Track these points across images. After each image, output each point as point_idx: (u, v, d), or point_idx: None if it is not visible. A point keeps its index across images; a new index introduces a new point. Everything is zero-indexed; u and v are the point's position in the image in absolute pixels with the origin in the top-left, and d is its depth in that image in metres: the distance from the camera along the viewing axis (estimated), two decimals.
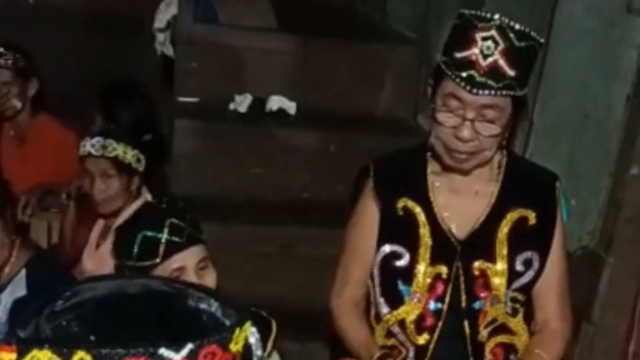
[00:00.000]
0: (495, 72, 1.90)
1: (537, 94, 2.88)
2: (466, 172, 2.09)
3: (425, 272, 2.10)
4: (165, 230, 1.88)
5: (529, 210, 2.11)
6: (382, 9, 4.51)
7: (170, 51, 4.06)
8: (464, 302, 2.11)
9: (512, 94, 1.93)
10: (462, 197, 2.13)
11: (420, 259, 2.10)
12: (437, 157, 2.10)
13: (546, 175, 2.19)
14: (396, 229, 2.14)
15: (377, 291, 2.18)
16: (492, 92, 1.91)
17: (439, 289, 2.11)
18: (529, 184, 2.15)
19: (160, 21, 4.03)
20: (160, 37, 4.07)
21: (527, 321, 2.20)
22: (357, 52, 3.97)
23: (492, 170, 2.13)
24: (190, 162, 3.65)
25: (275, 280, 3.32)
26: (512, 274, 2.11)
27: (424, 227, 2.11)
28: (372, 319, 2.22)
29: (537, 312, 2.19)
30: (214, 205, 3.41)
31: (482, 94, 1.91)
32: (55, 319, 0.95)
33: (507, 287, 2.12)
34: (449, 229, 2.12)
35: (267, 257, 3.39)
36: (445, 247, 2.11)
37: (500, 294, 2.11)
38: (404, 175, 2.19)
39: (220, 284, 1.96)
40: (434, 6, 3.89)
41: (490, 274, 2.10)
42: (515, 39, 1.91)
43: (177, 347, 0.88)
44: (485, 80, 1.90)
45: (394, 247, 2.13)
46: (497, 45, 1.89)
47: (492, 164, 2.12)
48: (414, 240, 2.11)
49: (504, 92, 1.92)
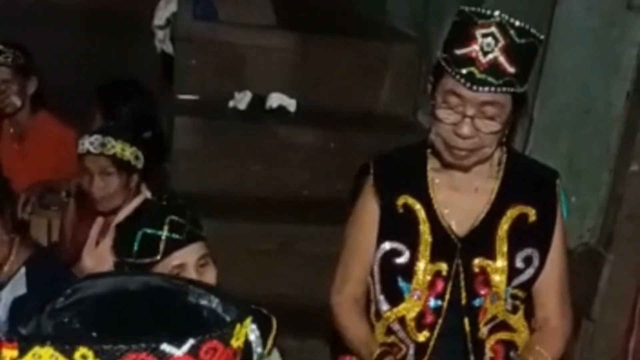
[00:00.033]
0: (495, 68, 1.90)
1: (537, 91, 2.87)
2: (466, 169, 2.09)
3: (425, 269, 2.10)
4: (165, 227, 1.88)
5: (529, 207, 2.11)
6: (381, 7, 4.50)
7: (169, 48, 4.05)
8: (464, 300, 2.11)
9: (512, 90, 1.93)
10: (462, 194, 2.13)
11: (420, 256, 2.10)
12: (437, 154, 2.10)
13: (546, 172, 2.19)
14: (396, 226, 2.14)
15: (377, 288, 2.18)
16: (492, 88, 1.91)
17: (439, 286, 2.11)
18: (529, 181, 2.15)
19: (159, 18, 4.02)
20: (159, 34, 4.07)
21: (528, 318, 2.20)
22: (357, 49, 3.96)
23: (492, 167, 2.13)
24: (190, 159, 3.64)
25: (275, 277, 3.32)
26: (512, 271, 2.11)
27: (424, 224, 2.11)
28: (372, 316, 2.22)
29: (538, 309, 2.19)
30: (213, 202, 3.40)
31: (482, 91, 1.91)
32: (56, 316, 0.95)
33: (507, 284, 2.12)
34: (449, 226, 2.12)
35: (267, 255, 3.39)
36: (445, 244, 2.11)
37: (500, 291, 2.11)
38: (404, 172, 2.19)
39: (220, 281, 1.96)
40: (434, 3, 3.88)
41: (490, 271, 2.10)
42: (515, 36, 1.90)
43: (178, 343, 0.88)
44: (485, 77, 1.90)
45: (394, 244, 2.13)
46: (497, 42, 1.89)
47: (492, 160, 2.11)
48: (414, 237, 2.11)
49: (504, 88, 1.92)
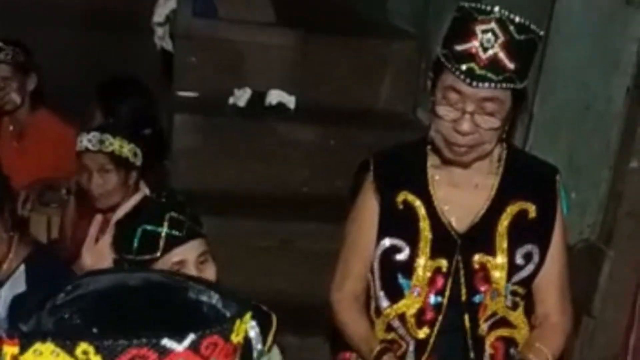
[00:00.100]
0: (495, 64, 1.90)
1: (537, 87, 2.87)
2: (466, 166, 2.09)
3: (425, 266, 2.10)
4: (165, 224, 1.88)
5: (529, 203, 2.11)
6: (381, 4, 4.50)
7: (169, 45, 4.05)
8: (464, 296, 2.11)
9: (512, 86, 1.93)
10: (462, 190, 2.13)
11: (420, 253, 2.10)
12: (437, 151, 2.09)
13: (546, 168, 2.19)
14: (396, 222, 2.14)
15: (377, 285, 2.18)
16: (492, 84, 1.91)
17: (439, 282, 2.11)
18: (529, 177, 2.14)
19: (159, 15, 4.02)
20: (159, 31, 4.07)
21: (528, 315, 2.20)
22: (357, 46, 3.97)
23: (492, 163, 2.13)
24: (189, 157, 3.64)
25: (275, 274, 3.32)
26: (512, 268, 2.11)
27: (424, 221, 2.11)
28: (372, 313, 2.22)
29: (538, 305, 2.19)
30: (213, 199, 3.40)
31: (482, 87, 1.91)
32: (57, 313, 0.95)
33: (507, 280, 2.11)
34: (449, 222, 2.11)
35: (267, 252, 3.39)
36: (445, 240, 2.11)
37: (500, 287, 2.11)
38: (403, 169, 2.19)
39: (220, 278, 1.96)
40: (434, 1, 3.88)
41: (490, 267, 2.10)
42: (515, 32, 1.90)
43: (179, 338, 0.89)
44: (485, 73, 1.90)
45: (394, 241, 2.13)
46: (497, 38, 1.89)
47: (492, 157, 2.11)
48: (414, 233, 2.11)
49: (503, 84, 1.91)
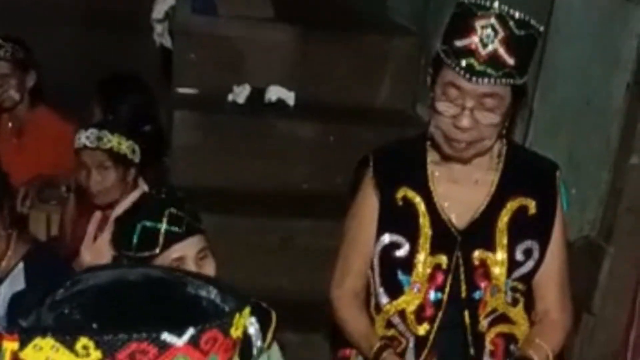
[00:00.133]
0: (494, 60, 1.89)
1: (537, 83, 2.86)
2: (466, 162, 2.08)
3: (425, 262, 2.10)
4: (164, 220, 1.88)
5: (529, 199, 2.11)
6: (381, 0, 4.49)
7: (168, 42, 4.04)
8: (464, 292, 2.11)
9: (512, 82, 1.93)
10: (462, 186, 2.12)
11: (420, 249, 2.10)
12: (437, 147, 2.09)
13: (546, 164, 2.18)
14: (396, 218, 2.14)
15: (377, 281, 2.18)
16: (492, 80, 1.90)
17: (439, 278, 2.11)
18: (529, 173, 2.14)
19: (158, 12, 4.01)
20: (158, 28, 4.06)
21: (528, 311, 2.19)
22: (356, 43, 3.95)
23: (492, 159, 2.12)
24: (189, 154, 3.64)
25: (275, 271, 3.32)
26: (512, 264, 2.11)
27: (424, 217, 2.11)
28: (372, 309, 2.22)
29: (538, 302, 2.19)
30: (213, 196, 3.40)
31: (482, 83, 1.91)
32: (56, 308, 0.96)
33: (507, 276, 2.11)
34: (449, 218, 2.11)
35: (266, 249, 3.38)
36: (445, 236, 2.10)
37: (500, 283, 2.11)
38: (403, 165, 2.19)
39: (220, 275, 1.96)
40: None
41: (490, 263, 2.10)
42: (514, 27, 1.90)
43: (179, 332, 0.89)
44: (484, 68, 1.89)
45: (394, 237, 2.12)
46: (496, 33, 1.89)
47: (492, 153, 2.11)
48: (413, 230, 2.11)
49: (503, 80, 1.91)
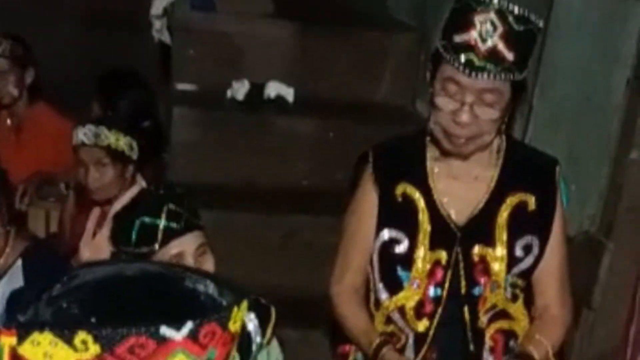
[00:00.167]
0: (494, 56, 1.89)
1: (537, 79, 2.86)
2: (465, 157, 2.08)
3: (424, 258, 2.09)
4: (163, 216, 1.88)
5: (529, 194, 2.10)
6: None
7: (167, 39, 4.03)
8: (464, 288, 2.10)
9: (511, 77, 1.92)
10: (462, 182, 2.12)
11: (419, 245, 2.09)
12: (436, 143, 2.09)
13: (546, 159, 2.18)
14: (395, 214, 2.13)
15: (376, 277, 2.17)
16: (491, 76, 1.90)
17: (439, 274, 2.10)
18: (528, 169, 2.14)
19: (157, 8, 4.01)
20: (157, 24, 4.05)
21: (527, 307, 2.19)
22: (356, 39, 3.94)
23: (491, 155, 2.12)
24: (188, 150, 3.63)
25: (274, 268, 3.31)
26: (511, 260, 2.10)
27: (423, 213, 2.10)
28: (371, 305, 2.21)
29: (537, 297, 2.19)
30: (212, 192, 3.39)
31: (481, 78, 1.90)
32: (54, 303, 0.96)
33: (507, 272, 2.11)
34: (448, 214, 2.11)
35: (266, 245, 3.38)
36: (444, 232, 2.10)
37: (499, 279, 2.11)
38: (403, 161, 2.18)
39: (219, 271, 1.95)
40: None
41: (489, 259, 2.09)
42: (514, 23, 1.89)
43: (177, 326, 0.89)
44: (484, 63, 1.89)
45: (393, 233, 2.12)
46: (495, 28, 1.88)
47: (491, 148, 2.10)
48: (413, 226, 2.10)
49: (502, 76, 1.90)
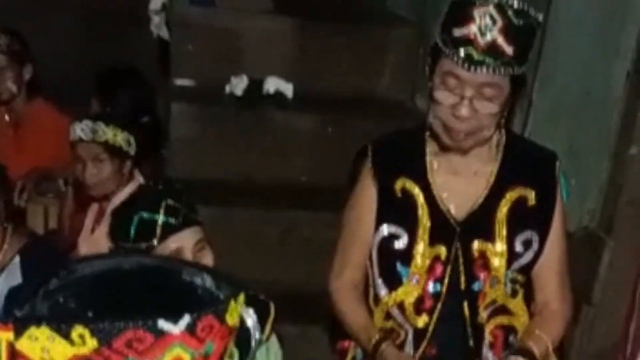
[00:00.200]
0: (493, 50, 1.88)
1: (536, 73, 2.85)
2: (465, 152, 2.07)
3: (423, 254, 2.09)
4: (161, 211, 1.88)
5: (529, 189, 2.09)
6: None
7: (165, 34, 4.02)
8: (463, 284, 2.10)
9: (511, 72, 1.92)
10: (461, 177, 2.11)
11: (418, 240, 2.09)
12: (436, 137, 2.08)
13: (546, 154, 2.17)
14: (394, 209, 2.12)
15: (376, 273, 2.17)
16: (491, 70, 1.89)
17: (438, 270, 2.10)
18: (528, 163, 2.13)
19: (155, 3, 3.99)
20: (155, 19, 4.04)
21: (527, 302, 2.19)
22: (355, 34, 3.93)
23: (491, 149, 2.11)
24: (187, 146, 3.62)
25: (273, 264, 3.31)
26: (511, 255, 2.10)
27: (422, 208, 2.10)
28: (370, 301, 2.21)
29: (537, 293, 2.18)
30: (211, 189, 3.39)
31: (481, 72, 1.89)
32: (51, 297, 0.95)
33: (507, 268, 2.10)
34: (448, 209, 2.10)
35: (265, 241, 3.38)
36: (444, 228, 2.09)
37: (499, 275, 2.10)
38: (402, 156, 2.17)
39: (218, 267, 1.95)
40: None
41: (489, 254, 2.09)
42: (513, 17, 1.89)
43: (175, 319, 0.89)
44: (483, 58, 1.88)
45: (392, 228, 2.11)
46: (495, 22, 1.88)
47: (491, 143, 2.10)
48: (412, 221, 2.10)
49: (502, 70, 1.90)
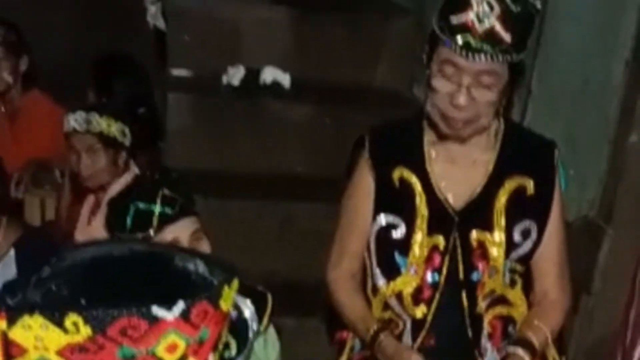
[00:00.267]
0: (491, 37, 1.87)
1: (535, 62, 2.84)
2: (463, 141, 2.06)
3: (422, 243, 2.08)
4: (157, 201, 1.87)
5: (527, 178, 2.08)
6: None
7: (162, 24, 4.00)
8: (462, 274, 2.09)
9: (509, 59, 1.91)
10: (459, 166, 2.10)
11: (416, 230, 2.08)
12: (434, 126, 2.07)
13: (544, 142, 2.16)
14: (392, 199, 2.11)
15: (373, 263, 2.16)
16: (489, 57, 1.88)
17: (436, 260, 2.09)
18: (526, 152, 2.12)
19: None
20: (152, 9, 4.02)
21: (526, 292, 2.18)
22: (353, 23, 3.92)
23: (489, 138, 2.10)
24: (183, 136, 3.61)
25: (271, 254, 3.30)
26: (510, 245, 2.09)
27: (420, 197, 2.09)
28: (368, 291, 2.20)
29: (536, 282, 2.17)
30: (208, 179, 3.37)
31: (479, 60, 1.88)
32: (43, 285, 0.94)
33: (505, 257, 2.09)
34: (446, 198, 2.09)
35: (262, 232, 3.37)
36: (442, 217, 2.08)
37: (498, 264, 2.09)
38: (399, 145, 2.16)
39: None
40: None
41: (488, 244, 2.08)
42: (511, 4, 1.88)
43: (169, 306, 0.88)
44: (481, 45, 1.87)
45: (390, 218, 2.10)
46: (492, 9, 1.86)
47: (489, 132, 2.09)
48: (410, 210, 2.08)
49: (500, 57, 1.89)
